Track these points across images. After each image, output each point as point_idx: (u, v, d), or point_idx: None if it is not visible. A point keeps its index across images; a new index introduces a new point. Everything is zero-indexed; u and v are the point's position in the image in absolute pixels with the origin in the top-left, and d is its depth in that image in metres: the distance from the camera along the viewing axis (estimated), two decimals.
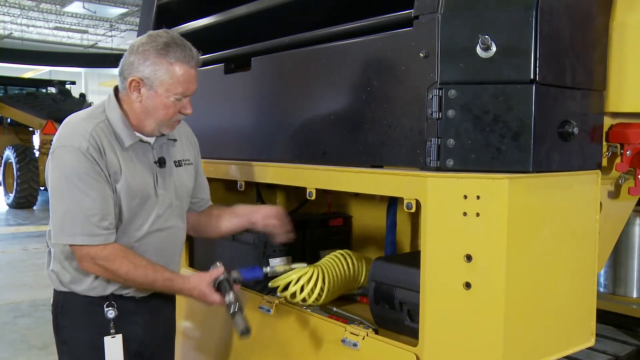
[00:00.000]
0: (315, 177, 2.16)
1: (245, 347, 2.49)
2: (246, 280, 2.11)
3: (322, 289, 2.21)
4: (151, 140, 2.06)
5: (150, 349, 2.16)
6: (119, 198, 1.96)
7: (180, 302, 2.89)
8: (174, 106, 1.97)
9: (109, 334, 2.01)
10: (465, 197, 1.67)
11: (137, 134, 2.01)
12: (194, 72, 1.97)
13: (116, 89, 2.05)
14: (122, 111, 1.99)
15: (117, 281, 1.99)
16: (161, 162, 2.07)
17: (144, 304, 2.09)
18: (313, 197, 2.18)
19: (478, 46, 1.69)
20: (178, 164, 2.15)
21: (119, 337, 2.03)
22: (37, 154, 13.60)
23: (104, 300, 2.02)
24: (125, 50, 2.02)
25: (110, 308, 2.01)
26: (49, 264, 2.08)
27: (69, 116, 2.02)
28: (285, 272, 2.20)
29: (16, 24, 23.49)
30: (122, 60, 1.99)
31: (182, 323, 2.85)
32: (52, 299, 2.11)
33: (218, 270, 2.01)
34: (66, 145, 1.90)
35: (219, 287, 1.99)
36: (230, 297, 1.95)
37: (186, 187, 2.19)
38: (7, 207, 13.70)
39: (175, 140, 2.15)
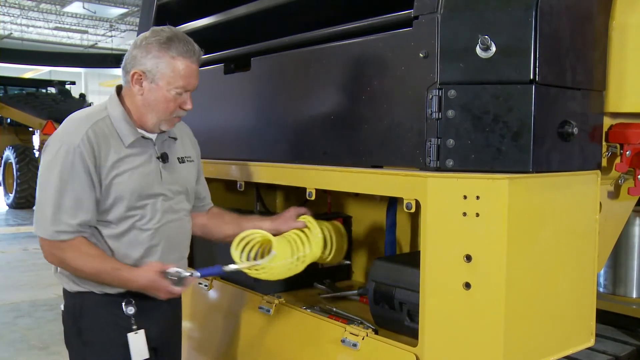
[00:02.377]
0: (315, 177, 2.16)
1: (245, 347, 2.49)
2: (204, 276, 2.07)
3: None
4: (153, 136, 2.06)
5: (161, 345, 2.16)
6: (116, 195, 1.95)
7: (182, 303, 2.89)
8: (175, 100, 1.98)
9: (131, 330, 2.02)
10: (465, 197, 1.67)
11: (140, 130, 2.02)
12: (195, 67, 1.99)
13: (119, 88, 2.07)
14: (124, 108, 2.01)
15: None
16: (164, 158, 2.08)
17: (159, 301, 2.08)
18: (313, 197, 2.18)
19: (478, 46, 1.69)
20: (181, 160, 2.16)
21: (142, 332, 2.04)
22: (37, 154, 13.58)
23: (122, 297, 2.02)
24: (125, 51, 2.03)
25: (129, 305, 2.02)
26: (57, 268, 2.06)
27: (72, 113, 2.04)
28: (249, 267, 2.06)
29: (16, 24, 23.48)
30: (126, 54, 2.01)
31: (183, 323, 2.85)
32: (64, 303, 2.09)
33: (170, 265, 1.98)
34: (59, 140, 1.93)
35: (170, 276, 1.95)
36: (176, 273, 1.94)
37: (190, 183, 2.20)
38: (7, 207, 13.70)
39: (175, 138, 2.16)
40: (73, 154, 1.89)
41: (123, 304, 2.02)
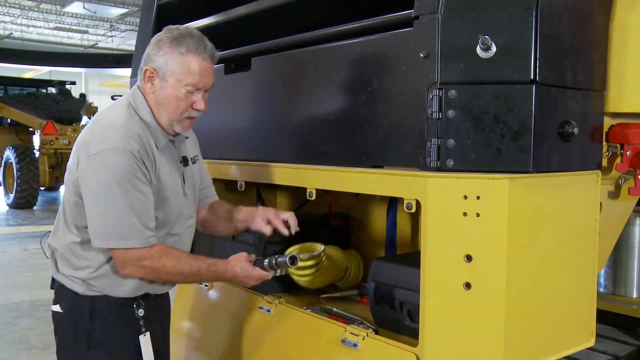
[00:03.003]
0: (316, 177, 2.16)
1: (245, 347, 2.49)
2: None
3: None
4: (173, 138, 2.04)
5: (161, 345, 2.16)
6: (163, 197, 1.95)
7: (182, 303, 2.89)
8: (185, 99, 1.92)
9: (140, 332, 2.02)
10: (466, 197, 1.67)
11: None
12: (207, 65, 1.92)
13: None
14: (150, 109, 1.95)
15: (163, 278, 1.98)
16: (185, 161, 2.08)
17: (158, 301, 2.10)
18: (313, 197, 2.18)
19: (478, 46, 1.69)
20: (192, 161, 2.15)
21: (148, 334, 2.04)
22: (37, 154, 13.59)
23: (134, 300, 2.01)
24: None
25: (139, 308, 2.01)
26: (59, 269, 2.02)
27: (102, 118, 1.96)
28: (308, 258, 2.25)
29: (16, 24, 23.47)
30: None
31: (183, 323, 2.85)
32: (63, 305, 2.03)
33: (252, 255, 2.05)
34: (116, 148, 1.82)
35: (256, 264, 2.02)
36: (270, 262, 2.01)
37: (197, 183, 2.20)
38: (7, 207, 13.69)
39: (187, 137, 2.14)
40: (135, 159, 1.83)
41: (134, 306, 2.01)
